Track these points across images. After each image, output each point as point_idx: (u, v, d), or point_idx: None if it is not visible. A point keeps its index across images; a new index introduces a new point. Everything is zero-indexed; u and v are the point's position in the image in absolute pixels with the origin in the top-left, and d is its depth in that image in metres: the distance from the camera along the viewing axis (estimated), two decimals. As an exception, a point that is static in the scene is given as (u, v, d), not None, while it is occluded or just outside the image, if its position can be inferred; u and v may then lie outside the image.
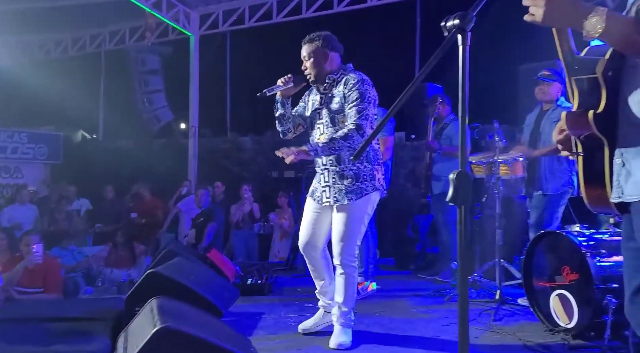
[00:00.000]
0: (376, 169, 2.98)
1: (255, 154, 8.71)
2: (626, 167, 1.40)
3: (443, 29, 1.27)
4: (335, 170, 2.96)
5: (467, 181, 1.22)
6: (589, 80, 1.48)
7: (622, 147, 1.42)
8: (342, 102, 2.90)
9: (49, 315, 3.03)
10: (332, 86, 2.98)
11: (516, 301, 3.82)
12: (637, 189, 1.37)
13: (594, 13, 1.23)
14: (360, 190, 2.91)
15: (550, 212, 3.95)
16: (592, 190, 1.54)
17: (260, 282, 4.54)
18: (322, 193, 3.02)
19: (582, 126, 1.46)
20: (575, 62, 1.49)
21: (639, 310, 1.45)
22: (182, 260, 3.66)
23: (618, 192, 1.43)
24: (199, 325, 1.98)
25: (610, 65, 1.43)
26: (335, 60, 3.00)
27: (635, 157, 1.38)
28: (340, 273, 2.96)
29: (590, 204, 1.57)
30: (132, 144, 10.18)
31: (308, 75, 3.02)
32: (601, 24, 1.23)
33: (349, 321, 3.02)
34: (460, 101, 1.25)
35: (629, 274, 1.49)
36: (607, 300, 2.77)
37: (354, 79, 2.90)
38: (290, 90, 3.06)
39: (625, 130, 1.41)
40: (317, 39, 2.96)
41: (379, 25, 9.70)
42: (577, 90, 1.52)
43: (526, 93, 5.08)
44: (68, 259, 5.60)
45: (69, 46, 10.35)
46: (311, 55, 2.96)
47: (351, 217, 2.90)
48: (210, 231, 5.96)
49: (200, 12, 8.85)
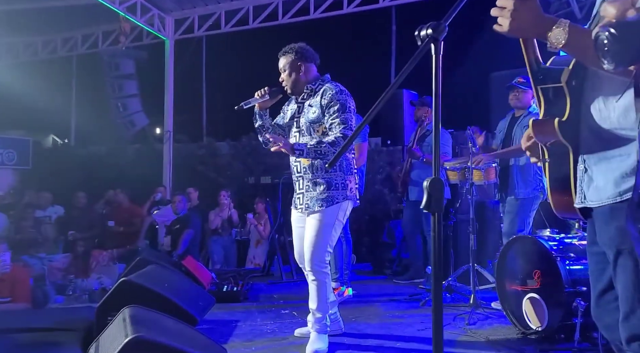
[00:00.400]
0: (349, 179, 3.02)
1: (231, 160, 8.66)
2: (588, 173, 1.45)
3: (417, 39, 1.29)
4: (308, 178, 3.01)
5: (441, 188, 1.23)
6: (554, 89, 1.53)
7: (584, 154, 1.46)
8: (319, 112, 2.95)
9: (17, 326, 2.95)
10: (309, 96, 3.04)
11: (490, 305, 3.87)
12: (598, 195, 1.41)
13: (557, 25, 1.28)
14: (332, 198, 2.95)
15: (522, 216, 4.02)
16: (559, 196, 1.58)
17: (236, 289, 4.50)
18: (297, 200, 3.09)
19: (548, 133, 1.50)
20: (540, 72, 1.53)
21: (605, 312, 1.49)
22: (155, 267, 3.60)
23: (581, 197, 1.47)
24: (173, 335, 1.95)
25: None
26: (310, 71, 3.06)
27: (596, 163, 1.42)
28: (312, 280, 2.99)
29: (556, 210, 1.61)
30: (105, 150, 10.00)
31: (285, 87, 3.08)
32: (564, 35, 1.27)
33: (324, 327, 3.02)
34: (434, 108, 1.27)
35: (593, 278, 1.53)
36: (576, 303, 2.84)
37: (332, 90, 2.95)
38: (267, 103, 3.10)
39: (587, 137, 1.45)
40: (290, 52, 3.03)
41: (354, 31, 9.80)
42: (543, 98, 1.56)
43: (499, 100, 5.19)
44: (37, 267, 5.46)
45: (39, 49, 10.12)
46: (286, 67, 3.04)
47: (321, 223, 2.94)
48: (187, 238, 5.88)
49: (175, 16, 8.77)
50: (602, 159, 1.40)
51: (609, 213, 1.38)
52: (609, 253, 1.40)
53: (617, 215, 1.36)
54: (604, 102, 1.39)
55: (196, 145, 9.56)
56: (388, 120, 6.64)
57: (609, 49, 1.09)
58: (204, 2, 8.39)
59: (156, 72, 8.98)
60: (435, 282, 1.20)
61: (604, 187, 1.39)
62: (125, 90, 8.32)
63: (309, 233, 2.96)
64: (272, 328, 3.53)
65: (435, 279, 1.20)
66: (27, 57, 10.24)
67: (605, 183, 1.38)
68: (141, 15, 8.25)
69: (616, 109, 1.37)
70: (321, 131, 2.97)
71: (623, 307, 1.35)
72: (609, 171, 1.38)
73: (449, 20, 1.27)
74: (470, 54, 7.73)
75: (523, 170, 4.03)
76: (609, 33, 1.08)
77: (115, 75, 8.27)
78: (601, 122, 1.40)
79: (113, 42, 9.18)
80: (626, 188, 1.34)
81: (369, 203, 7.32)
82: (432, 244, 1.22)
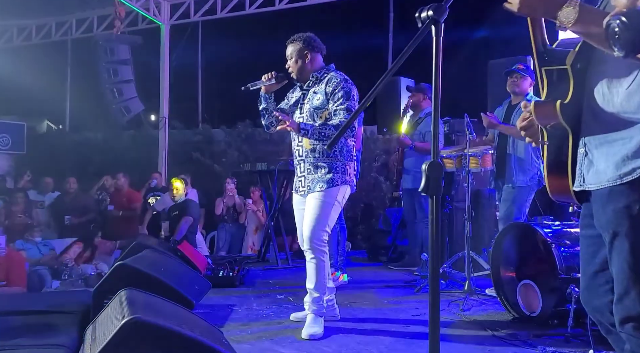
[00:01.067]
0: (348, 164, 3.12)
1: (227, 147, 8.63)
2: (588, 157, 1.45)
3: (417, 20, 1.29)
4: (310, 161, 3.10)
5: (440, 172, 1.24)
6: (559, 71, 1.52)
7: (585, 137, 1.47)
8: (324, 99, 3.06)
9: (12, 309, 2.94)
10: (314, 83, 3.14)
11: (484, 291, 3.91)
12: (597, 178, 1.42)
13: (568, 3, 1.27)
14: (332, 180, 3.04)
15: (518, 204, 4.04)
16: (555, 179, 1.58)
17: (231, 274, 4.52)
18: (298, 183, 3.17)
19: (549, 116, 1.50)
20: (546, 53, 1.53)
21: (594, 295, 1.50)
22: (152, 252, 3.60)
23: (580, 181, 1.48)
24: (169, 317, 1.96)
25: (579, 58, 1.47)
26: (316, 60, 3.16)
27: (597, 147, 1.43)
28: (311, 258, 3.04)
29: (552, 193, 1.62)
30: (100, 135, 9.94)
31: (291, 73, 3.17)
32: (574, 15, 1.26)
33: (320, 308, 3.05)
34: (434, 92, 1.27)
35: (585, 260, 1.55)
36: (570, 290, 2.85)
37: (337, 78, 3.07)
38: (273, 87, 3.20)
39: (589, 120, 1.45)
40: (299, 40, 3.14)
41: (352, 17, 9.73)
42: (547, 80, 1.56)
43: (496, 87, 5.19)
44: (33, 252, 5.45)
45: (32, 33, 9.99)
46: (293, 54, 3.14)
47: (321, 201, 3.02)
48: (184, 224, 5.89)
49: (171, 1, 8.67)
50: (604, 143, 1.41)
51: (607, 196, 1.39)
52: (605, 235, 1.41)
53: (616, 197, 1.36)
54: (608, 86, 1.40)
55: (192, 131, 9.52)
56: (384, 107, 6.63)
57: (620, 37, 1.10)
58: (200, -14, 8.30)
59: (151, 57, 8.90)
60: (432, 265, 1.21)
61: (604, 170, 1.40)
62: (120, 75, 8.21)
63: (309, 212, 3.03)
64: (267, 312, 3.55)
65: (432, 261, 1.20)
66: (20, 42, 10.12)
67: (606, 167, 1.39)
68: (136, 0, 8.15)
69: (620, 93, 1.37)
70: (324, 117, 3.06)
71: (617, 289, 1.37)
72: (610, 154, 1.39)
73: (450, 2, 1.26)
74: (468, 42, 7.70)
75: (520, 159, 4.03)
76: (620, 21, 1.09)
77: (110, 61, 8.15)
78: (604, 105, 1.40)
79: (108, 26, 9.08)
80: (626, 171, 1.35)
81: (365, 191, 7.34)
82: (429, 227, 1.23)
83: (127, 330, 1.71)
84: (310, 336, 2.92)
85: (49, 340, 2.37)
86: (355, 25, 10.32)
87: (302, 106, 3.17)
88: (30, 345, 2.30)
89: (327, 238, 3.08)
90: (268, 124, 3.27)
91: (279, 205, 5.56)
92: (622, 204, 1.34)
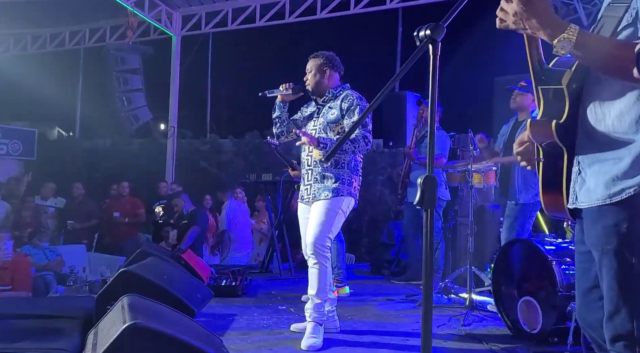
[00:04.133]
0: (354, 178, 3.21)
1: (233, 157, 8.71)
2: (582, 175, 1.48)
3: (416, 39, 1.33)
4: (318, 171, 3.18)
5: (434, 186, 1.27)
6: (555, 90, 1.55)
7: (579, 156, 1.49)
8: (339, 114, 3.18)
9: (16, 313, 2.98)
10: (330, 100, 3.27)
11: (486, 307, 3.90)
12: (588, 197, 1.44)
13: (568, 29, 1.30)
14: (337, 190, 3.13)
15: (521, 221, 4.04)
16: (550, 196, 1.60)
17: (234, 283, 4.54)
18: (304, 191, 3.25)
19: (545, 134, 1.53)
20: (543, 72, 1.56)
21: (588, 311, 1.51)
22: (155, 260, 3.64)
23: (573, 198, 1.50)
24: (170, 323, 1.99)
25: (574, 78, 1.50)
26: (334, 78, 3.31)
27: (590, 165, 1.45)
28: (314, 263, 3.06)
29: (547, 209, 1.64)
30: (109, 143, 10.05)
31: (308, 85, 3.30)
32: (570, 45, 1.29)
33: (321, 315, 3.07)
34: (430, 108, 1.30)
35: (579, 276, 1.56)
36: (570, 307, 2.86)
37: (353, 96, 3.20)
38: (289, 97, 3.34)
39: (583, 139, 1.48)
40: (321, 56, 3.29)
41: (361, 32, 9.82)
42: (543, 98, 1.59)
43: (501, 104, 5.22)
44: (40, 257, 5.51)
45: (47, 41, 10.18)
46: (313, 68, 3.28)
47: (326, 209, 3.09)
48: (192, 234, 5.94)
49: (182, 12, 8.82)
50: (596, 161, 1.43)
51: (596, 214, 1.41)
52: (595, 253, 1.43)
53: (605, 215, 1.39)
54: (600, 106, 1.42)
55: (200, 141, 9.61)
56: (390, 121, 6.66)
57: None
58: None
59: (162, 67, 9.03)
60: (426, 276, 1.24)
61: (595, 189, 1.42)
62: (130, 84, 8.35)
63: (313, 218, 3.10)
64: (268, 322, 3.56)
65: (426, 273, 1.23)
66: (35, 50, 10.31)
67: (596, 185, 1.42)
68: (149, 11, 8.30)
69: (612, 113, 1.40)
70: (337, 131, 3.18)
71: (607, 307, 1.38)
72: (601, 173, 1.41)
73: (447, 22, 1.30)
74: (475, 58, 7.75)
75: (524, 176, 4.04)
76: None
77: (121, 70, 8.30)
78: (597, 125, 1.43)
79: (120, 36, 9.24)
80: (615, 191, 1.37)
81: (370, 204, 7.36)
82: (423, 240, 1.25)
83: (128, 335, 1.74)
84: (309, 347, 2.93)
85: (52, 344, 2.41)
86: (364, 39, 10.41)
87: (315, 119, 3.29)
88: (33, 348, 2.33)
89: (330, 245, 3.11)
90: (279, 133, 3.39)
91: (283, 216, 5.59)
92: (611, 222, 1.36)
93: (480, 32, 6.53)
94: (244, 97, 3.04)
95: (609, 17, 1.43)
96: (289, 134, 3.43)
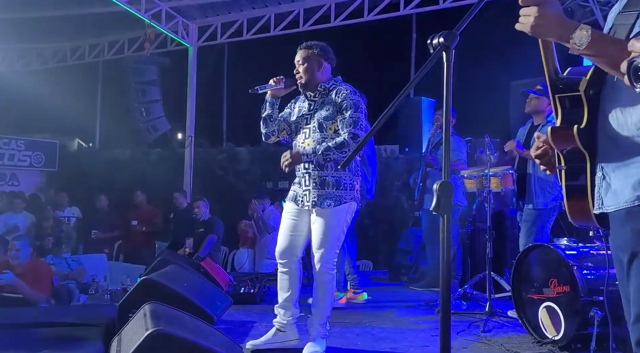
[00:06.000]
0: (356, 180, 3.05)
1: (250, 165, 8.77)
2: (606, 180, 1.47)
3: (429, 47, 1.34)
4: (317, 175, 2.99)
5: (450, 191, 1.28)
6: (572, 97, 1.55)
7: (602, 161, 1.49)
8: (333, 110, 2.98)
9: (40, 321, 3.05)
10: (323, 94, 3.06)
11: (506, 313, 3.86)
12: (615, 200, 1.44)
13: (580, 28, 1.32)
14: (340, 197, 2.95)
15: (540, 225, 4.00)
16: (574, 203, 1.59)
17: (253, 291, 4.57)
18: (302, 197, 3.03)
19: (566, 140, 1.52)
20: (559, 81, 1.56)
21: None
22: (175, 267, 3.69)
23: (599, 203, 1.50)
24: (191, 330, 2.02)
25: (591, 84, 1.50)
26: (327, 71, 3.09)
27: (614, 170, 1.45)
28: (320, 281, 2.98)
29: (572, 217, 1.63)
30: (128, 153, 10.22)
31: (299, 79, 3.07)
32: (587, 38, 1.31)
33: (324, 330, 3.02)
34: (444, 115, 1.32)
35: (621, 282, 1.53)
36: (593, 313, 2.82)
37: (346, 90, 3.00)
38: (280, 92, 3.12)
39: (605, 144, 1.48)
40: (315, 47, 3.04)
41: (375, 40, 9.84)
42: (560, 107, 1.59)
43: (518, 108, 5.19)
44: (62, 266, 5.61)
45: (67, 55, 10.41)
46: (306, 60, 3.04)
47: (331, 223, 2.93)
48: (209, 242, 5.99)
49: (198, 24, 8.95)
50: (621, 166, 1.43)
51: (625, 217, 1.40)
52: (623, 256, 1.42)
53: (633, 218, 1.38)
54: (622, 111, 1.42)
55: (216, 149, 9.71)
56: (406, 127, 6.67)
57: None
58: (226, 10, 8.55)
59: (179, 78, 9.16)
60: (442, 282, 1.24)
61: (622, 191, 1.41)
62: (149, 95, 8.50)
63: (318, 234, 2.95)
64: (287, 330, 3.57)
65: (443, 278, 1.23)
66: (55, 63, 10.55)
67: (623, 188, 1.41)
68: (166, 23, 8.44)
69: (634, 117, 1.40)
70: (333, 128, 2.99)
71: (635, 309, 1.37)
72: (627, 177, 1.40)
73: (461, 29, 1.32)
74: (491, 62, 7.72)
75: (541, 180, 4.01)
76: None
77: (140, 81, 8.46)
78: (619, 129, 1.43)
79: (138, 48, 9.41)
80: None
81: (386, 211, 7.35)
82: (440, 244, 1.26)
83: (151, 342, 1.78)
84: None
85: (76, 351, 2.46)
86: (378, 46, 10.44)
87: (309, 116, 3.06)
88: (58, 355, 2.39)
89: (337, 260, 3.02)
90: (269, 132, 3.18)
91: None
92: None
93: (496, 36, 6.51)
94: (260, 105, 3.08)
95: (620, 25, 1.44)
96: (280, 133, 3.20)
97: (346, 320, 3.79)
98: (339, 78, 3.12)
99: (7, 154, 9.54)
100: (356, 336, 3.40)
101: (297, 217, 3.04)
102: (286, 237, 3.06)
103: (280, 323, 3.09)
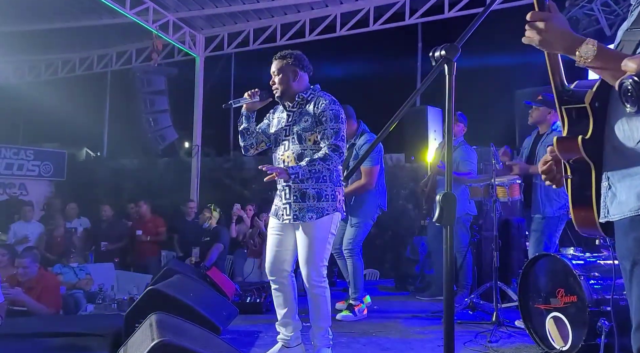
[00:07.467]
0: (337, 190, 2.97)
1: (256, 173, 8.79)
2: (612, 190, 1.49)
3: (432, 59, 1.36)
4: (297, 188, 2.93)
5: (453, 202, 1.28)
6: (578, 109, 1.58)
7: (608, 171, 1.50)
8: (312, 121, 2.93)
9: (48, 331, 3.07)
10: (301, 105, 3.01)
11: (513, 323, 3.83)
12: (620, 209, 1.45)
13: (586, 42, 1.35)
14: (322, 209, 2.90)
15: (548, 235, 3.98)
16: (580, 212, 1.61)
17: (259, 300, 4.56)
18: (283, 210, 2.98)
19: (572, 150, 1.55)
20: (565, 93, 1.59)
21: None
22: (182, 277, 3.70)
23: (604, 212, 1.51)
24: (197, 341, 2.03)
25: (597, 97, 1.53)
26: (303, 80, 3.04)
27: (620, 180, 1.46)
28: (312, 295, 2.95)
29: (578, 226, 1.64)
30: (136, 163, 10.28)
31: (275, 90, 3.03)
32: (593, 51, 1.33)
33: (327, 340, 3.00)
34: (447, 126, 1.33)
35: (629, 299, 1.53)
36: (600, 323, 2.80)
37: (325, 100, 2.95)
38: (256, 105, 3.09)
39: (611, 155, 1.49)
40: (289, 57, 3.00)
41: (380, 49, 9.88)
42: (567, 118, 1.62)
43: (523, 117, 5.18)
44: (69, 276, 5.64)
45: (76, 66, 10.55)
46: (281, 71, 3.00)
47: (315, 237, 2.89)
48: (215, 251, 6.00)
49: (205, 34, 9.04)
50: (626, 176, 1.44)
51: (628, 225, 1.42)
52: (625, 264, 1.43)
53: (636, 226, 1.39)
54: (627, 122, 1.44)
55: (223, 158, 9.75)
56: (412, 136, 6.67)
57: (632, 94, 1.17)
58: (233, 20, 8.65)
59: (186, 87, 9.24)
60: (446, 293, 1.25)
61: (626, 201, 1.43)
62: (157, 105, 8.55)
63: (303, 250, 2.91)
64: (293, 340, 3.56)
65: (446, 289, 1.24)
66: (65, 74, 10.68)
67: (628, 197, 1.43)
68: (173, 33, 8.54)
69: (639, 129, 1.41)
70: (312, 140, 2.93)
71: (636, 318, 1.37)
72: (632, 187, 1.42)
73: (462, 42, 1.33)
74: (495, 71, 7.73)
75: (547, 189, 4.00)
76: (632, 80, 1.18)
77: (147, 91, 8.52)
78: (625, 140, 1.45)
79: (146, 58, 9.51)
80: None
81: (393, 219, 7.33)
82: (443, 256, 1.27)
83: (157, 352, 1.79)
84: None
85: (82, 361, 2.47)
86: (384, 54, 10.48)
87: (288, 128, 3.00)
88: (65, 365, 2.40)
89: (326, 271, 2.97)
90: (247, 146, 3.13)
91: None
92: None
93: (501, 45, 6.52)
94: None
95: (627, 41, 1.48)
96: (259, 145, 3.16)
97: (352, 330, 3.78)
98: (317, 87, 3.06)
99: (17, 164, 9.63)
100: (362, 346, 3.39)
101: (281, 231, 3.00)
102: (272, 253, 3.02)
103: (285, 340, 3.07)
